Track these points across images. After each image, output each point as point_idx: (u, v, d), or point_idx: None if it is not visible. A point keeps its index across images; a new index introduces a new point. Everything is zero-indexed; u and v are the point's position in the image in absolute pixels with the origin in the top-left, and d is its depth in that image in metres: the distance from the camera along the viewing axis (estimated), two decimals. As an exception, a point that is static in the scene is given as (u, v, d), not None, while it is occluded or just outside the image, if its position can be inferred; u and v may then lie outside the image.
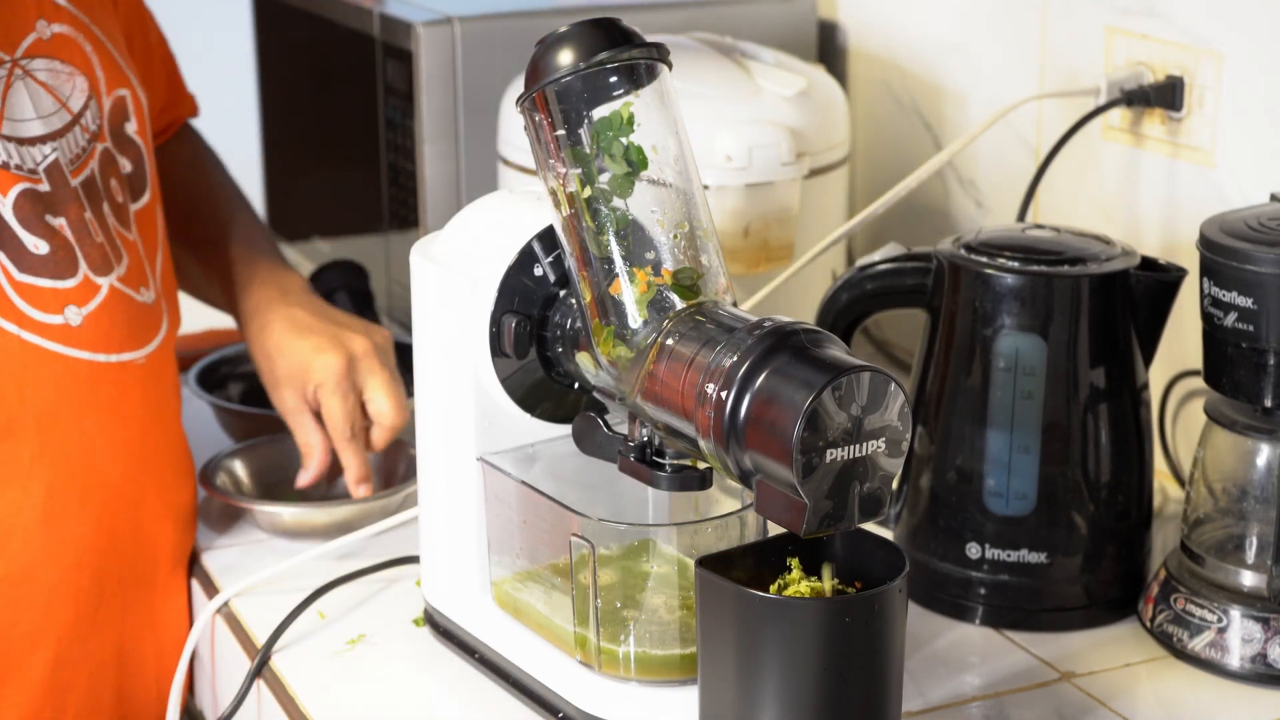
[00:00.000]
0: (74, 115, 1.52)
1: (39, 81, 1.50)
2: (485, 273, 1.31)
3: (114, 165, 1.56)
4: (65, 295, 1.47)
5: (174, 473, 1.58)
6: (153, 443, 1.54)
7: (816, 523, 1.13)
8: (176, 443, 1.59)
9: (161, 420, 1.56)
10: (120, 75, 1.59)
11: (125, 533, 1.52)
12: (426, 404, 1.39)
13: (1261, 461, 1.41)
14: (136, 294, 1.52)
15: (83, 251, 1.49)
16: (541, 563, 1.33)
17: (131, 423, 1.52)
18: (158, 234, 1.61)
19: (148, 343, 1.53)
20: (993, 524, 1.47)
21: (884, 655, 1.18)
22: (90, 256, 1.49)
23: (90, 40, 1.56)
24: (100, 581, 1.51)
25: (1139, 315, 1.46)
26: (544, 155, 1.25)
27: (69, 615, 1.50)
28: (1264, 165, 1.58)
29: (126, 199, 1.56)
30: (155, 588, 1.57)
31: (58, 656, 1.50)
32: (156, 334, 1.55)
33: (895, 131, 2.02)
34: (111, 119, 1.57)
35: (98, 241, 1.50)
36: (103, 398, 1.49)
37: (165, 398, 1.57)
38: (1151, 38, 1.66)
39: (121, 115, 1.58)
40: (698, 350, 1.19)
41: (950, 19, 1.92)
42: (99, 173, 1.53)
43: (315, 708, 1.37)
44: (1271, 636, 1.38)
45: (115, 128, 1.57)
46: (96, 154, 1.53)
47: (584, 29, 1.23)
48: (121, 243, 1.53)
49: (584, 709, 1.29)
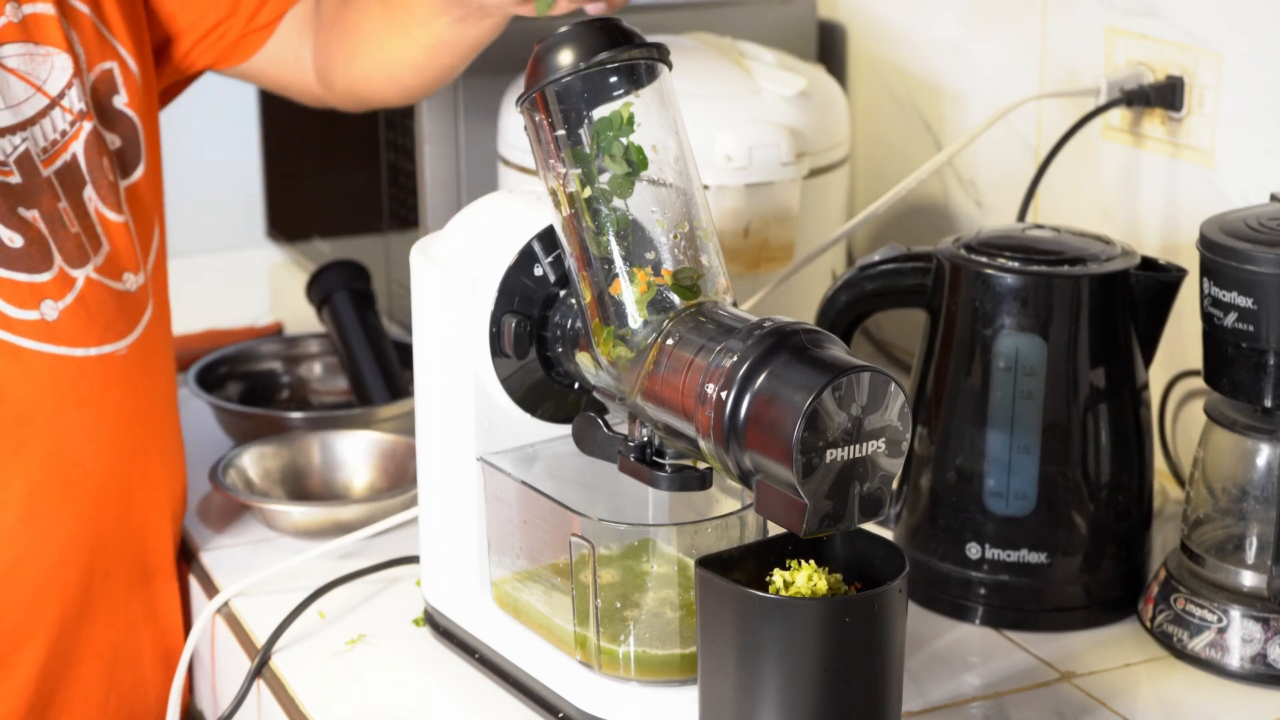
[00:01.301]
0: (53, 98, 1.48)
1: (9, 69, 1.47)
2: (485, 273, 1.31)
3: (102, 143, 1.52)
4: (40, 289, 1.45)
5: (161, 462, 1.55)
6: (137, 434, 1.52)
7: (816, 523, 1.13)
8: (165, 430, 1.57)
9: (147, 410, 1.53)
10: (105, 47, 1.54)
11: (112, 526, 1.51)
12: (426, 404, 1.39)
13: (1261, 461, 1.41)
14: (118, 282, 1.50)
15: (57, 243, 1.46)
16: (541, 563, 1.33)
17: (114, 416, 1.50)
18: (153, 208, 1.58)
19: (129, 332, 1.50)
20: (993, 524, 1.47)
21: (884, 655, 1.18)
22: (65, 248, 1.47)
23: (68, 15, 1.51)
24: (88, 577, 1.50)
25: (1139, 315, 1.46)
26: (544, 155, 1.25)
27: (56, 612, 1.49)
28: (1264, 165, 1.58)
29: (117, 176, 1.53)
30: (149, 580, 1.56)
31: (47, 652, 1.49)
32: (139, 321, 1.52)
33: (895, 131, 2.02)
34: (97, 94, 1.53)
35: (73, 232, 1.47)
36: (83, 392, 1.47)
37: (152, 386, 1.54)
38: (1151, 38, 1.66)
39: (109, 89, 1.54)
40: (698, 350, 1.19)
41: (950, 19, 1.92)
42: (83, 154, 1.50)
43: (315, 708, 1.37)
44: (1271, 636, 1.38)
45: (102, 103, 1.54)
46: (82, 134, 1.50)
47: (584, 29, 1.23)
48: (102, 228, 1.50)
49: (584, 709, 1.29)
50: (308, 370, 1.96)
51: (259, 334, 2.09)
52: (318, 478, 1.70)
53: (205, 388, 1.84)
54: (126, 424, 1.51)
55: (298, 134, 2.32)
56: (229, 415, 1.80)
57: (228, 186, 2.57)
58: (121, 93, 1.56)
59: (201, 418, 1.84)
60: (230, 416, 1.80)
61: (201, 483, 1.71)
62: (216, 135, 2.58)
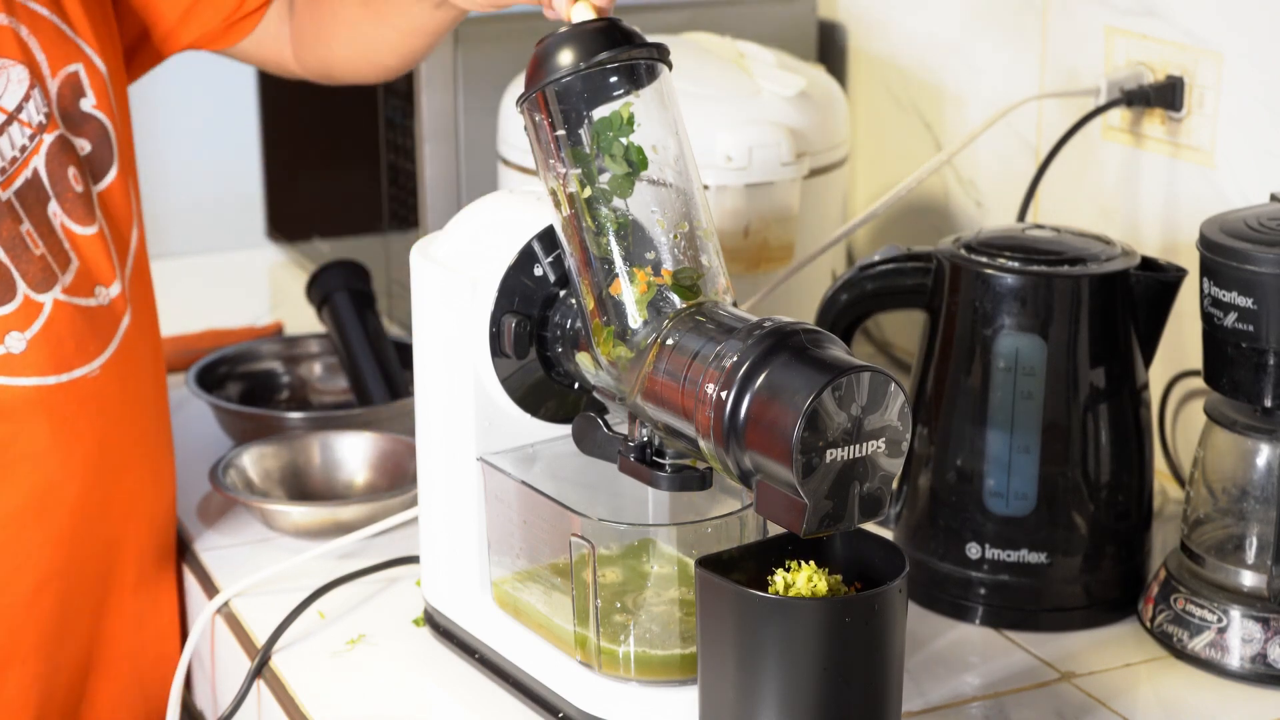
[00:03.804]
0: (10, 113, 1.42)
1: None
2: (485, 273, 1.31)
3: (69, 152, 1.46)
4: (4, 322, 1.41)
5: (145, 471, 1.53)
6: (115, 450, 1.49)
7: (816, 523, 1.13)
8: (147, 439, 1.54)
9: (125, 424, 1.50)
10: (69, 49, 1.48)
11: (90, 546, 1.48)
12: (426, 404, 1.39)
13: (1261, 461, 1.41)
14: (89, 298, 1.45)
15: (20, 270, 1.41)
16: (541, 562, 1.33)
17: (89, 437, 1.46)
18: (129, 210, 1.53)
19: (102, 350, 1.46)
20: (993, 524, 1.47)
21: (884, 655, 1.18)
22: (29, 274, 1.41)
23: (24, 19, 1.44)
24: (66, 595, 1.48)
25: (1139, 315, 1.46)
26: (544, 155, 1.25)
27: (35, 634, 1.47)
28: (1264, 165, 1.58)
29: (87, 184, 1.47)
30: (136, 589, 1.55)
31: (33, 672, 1.47)
32: (114, 335, 1.48)
33: (895, 131, 2.02)
34: (62, 100, 1.47)
35: (37, 254, 1.42)
36: (57, 419, 1.43)
37: (132, 398, 1.51)
38: (1151, 38, 1.66)
39: (75, 93, 1.48)
40: (698, 350, 1.19)
41: (950, 19, 1.92)
42: (45, 169, 1.44)
43: (315, 708, 1.37)
44: (1271, 636, 1.38)
45: (68, 109, 1.47)
46: (44, 148, 1.44)
47: (584, 29, 1.23)
48: (70, 244, 1.45)
49: (584, 709, 1.29)
50: (308, 370, 1.96)
51: (259, 334, 2.09)
52: (318, 478, 1.70)
53: (205, 388, 1.84)
54: (102, 443, 1.48)
55: (298, 134, 2.32)
56: (229, 415, 1.80)
57: (228, 186, 2.57)
58: (89, 95, 1.49)
59: (201, 418, 1.84)
60: (230, 416, 1.80)
61: (201, 483, 1.71)
62: (216, 135, 2.58)
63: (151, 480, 1.55)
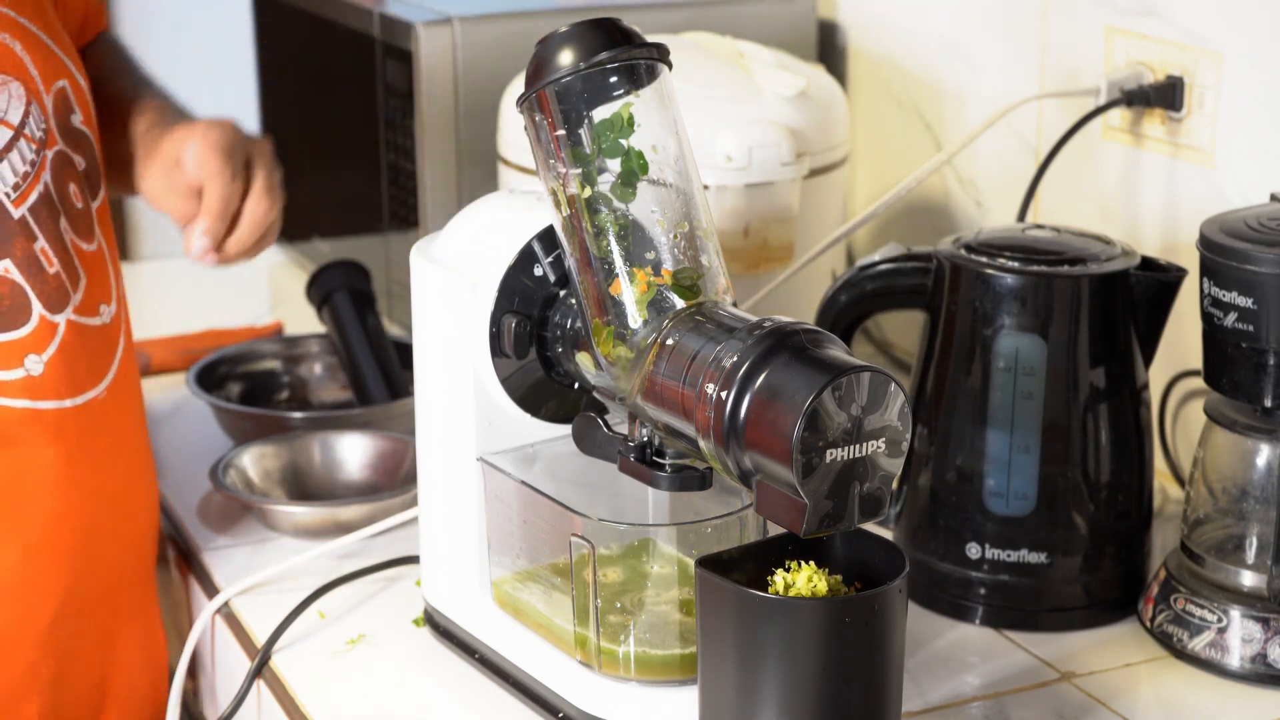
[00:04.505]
0: (15, 128, 1.39)
1: None
2: (485, 273, 1.31)
3: (69, 168, 1.44)
4: (22, 345, 1.38)
5: (138, 497, 1.52)
6: (120, 476, 1.48)
7: (816, 523, 1.13)
8: (143, 463, 1.53)
9: (126, 447, 1.49)
10: (56, 64, 1.45)
11: (98, 574, 1.47)
12: (426, 404, 1.39)
13: (1261, 461, 1.41)
14: (94, 318, 1.43)
15: (35, 290, 1.39)
16: (541, 562, 1.33)
17: (96, 462, 1.44)
18: (110, 227, 1.51)
19: (108, 371, 1.44)
20: (993, 524, 1.47)
21: (884, 655, 1.18)
22: (44, 293, 1.39)
23: (17, 35, 1.42)
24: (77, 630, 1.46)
25: (1139, 315, 1.46)
26: (544, 155, 1.25)
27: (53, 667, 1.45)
28: (1264, 165, 1.58)
29: (87, 200, 1.46)
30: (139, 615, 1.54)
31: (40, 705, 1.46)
32: (115, 355, 1.46)
33: (895, 131, 2.02)
34: (57, 115, 1.44)
35: (52, 273, 1.40)
36: (71, 444, 1.41)
37: (129, 421, 1.49)
38: (1151, 38, 1.66)
39: (66, 109, 1.45)
40: (698, 350, 1.19)
41: (950, 19, 1.92)
42: (53, 183, 1.42)
43: (315, 708, 1.37)
44: (1271, 636, 1.38)
45: (63, 124, 1.45)
46: (48, 163, 1.41)
47: (584, 29, 1.23)
48: (80, 261, 1.43)
49: (584, 709, 1.29)
50: (308, 370, 1.96)
51: (259, 334, 2.09)
52: (318, 478, 1.71)
53: (205, 388, 1.84)
54: (111, 468, 1.47)
55: (298, 134, 2.32)
56: (229, 415, 1.80)
57: (228, 186, 2.57)
58: (77, 111, 1.47)
59: (201, 418, 1.84)
60: (230, 416, 1.80)
61: (201, 483, 1.71)
62: (216, 135, 2.58)
63: (145, 502, 1.55)
